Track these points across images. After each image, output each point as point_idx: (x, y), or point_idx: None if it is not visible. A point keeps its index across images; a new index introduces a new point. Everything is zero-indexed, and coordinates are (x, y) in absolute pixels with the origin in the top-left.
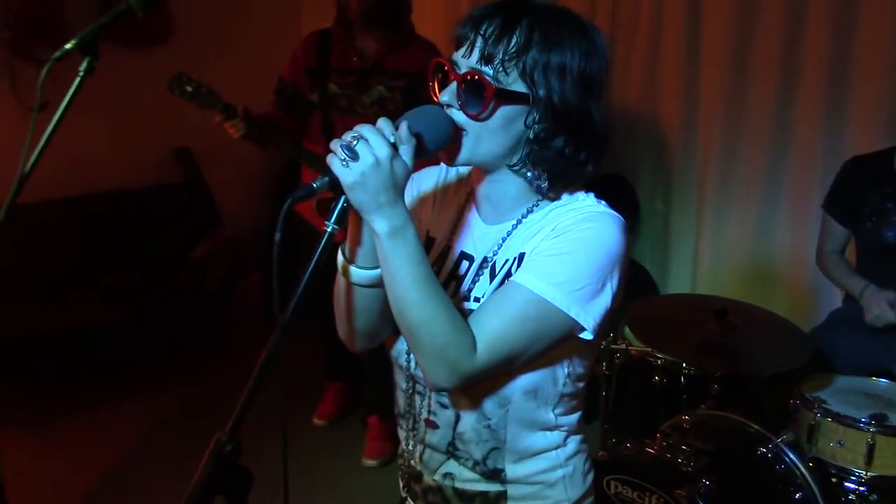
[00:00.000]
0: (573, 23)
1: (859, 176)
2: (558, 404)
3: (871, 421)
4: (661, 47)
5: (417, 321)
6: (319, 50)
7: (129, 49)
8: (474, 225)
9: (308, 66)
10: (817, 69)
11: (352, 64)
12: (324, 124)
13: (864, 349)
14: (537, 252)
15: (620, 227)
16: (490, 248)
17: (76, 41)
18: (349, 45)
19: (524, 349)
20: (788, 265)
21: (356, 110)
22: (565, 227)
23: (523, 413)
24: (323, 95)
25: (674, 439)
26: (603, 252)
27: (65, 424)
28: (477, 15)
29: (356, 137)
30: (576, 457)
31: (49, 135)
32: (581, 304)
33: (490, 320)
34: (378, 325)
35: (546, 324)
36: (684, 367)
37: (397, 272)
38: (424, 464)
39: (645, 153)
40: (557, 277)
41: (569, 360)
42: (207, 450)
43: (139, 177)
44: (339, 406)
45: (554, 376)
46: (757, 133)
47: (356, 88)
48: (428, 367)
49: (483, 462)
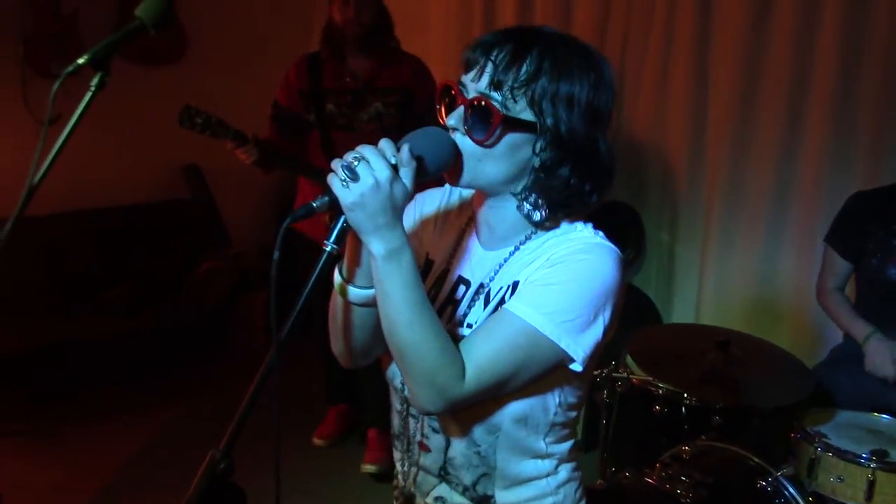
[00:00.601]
0: (583, 53)
1: (864, 211)
2: (549, 433)
3: (872, 457)
4: (669, 79)
5: (407, 344)
6: (311, 72)
7: (142, 66)
8: (473, 250)
9: (301, 87)
10: (824, 103)
11: (346, 84)
12: (323, 142)
13: (866, 385)
14: (531, 281)
15: (615, 259)
16: (486, 274)
17: (88, 56)
18: (341, 66)
19: (512, 376)
20: (792, 298)
21: (355, 127)
22: (560, 257)
23: (513, 441)
24: (320, 115)
25: (673, 470)
26: (596, 284)
27: (65, 437)
28: (488, 40)
29: (357, 158)
30: (567, 485)
31: (59, 148)
32: (571, 335)
33: (480, 347)
34: (372, 343)
35: (535, 353)
36: (685, 397)
37: (391, 294)
38: (417, 486)
39: (651, 183)
40: (549, 307)
41: (560, 389)
42: (201, 466)
43: (148, 192)
44: (339, 427)
45: (545, 405)
46: (763, 166)
47: (353, 107)
48: (416, 390)
49: (473, 488)
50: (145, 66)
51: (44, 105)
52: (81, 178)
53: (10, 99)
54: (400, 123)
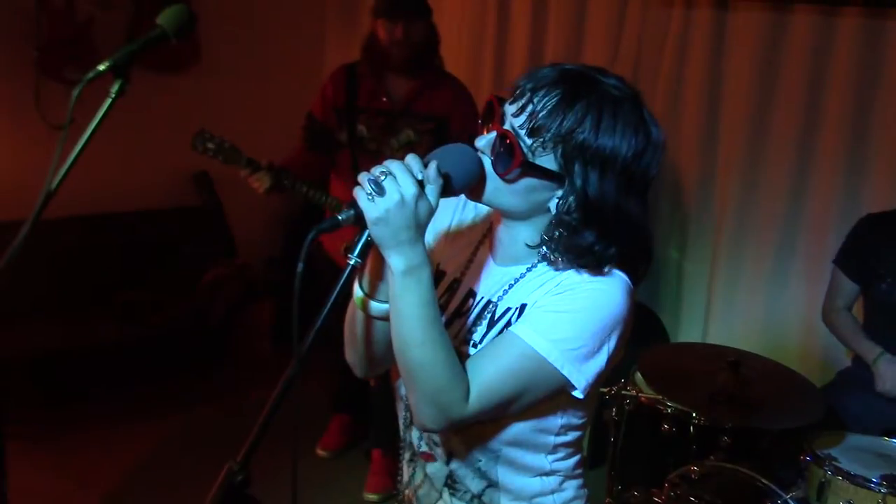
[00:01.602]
0: (632, 115)
1: (875, 234)
2: (553, 451)
3: (883, 482)
4: (681, 101)
5: (417, 362)
6: (348, 87)
7: (155, 74)
8: (486, 264)
9: (337, 104)
10: (836, 125)
11: (381, 105)
12: (352, 164)
13: (875, 408)
14: (539, 306)
15: (626, 290)
16: (496, 291)
17: (110, 63)
18: (379, 85)
19: (515, 399)
20: (800, 320)
21: (384, 153)
22: (570, 284)
23: (514, 459)
24: (351, 136)
25: (682, 490)
26: (604, 314)
27: (69, 443)
28: (541, 76)
29: (385, 173)
30: (573, 502)
31: (77, 154)
32: (575, 363)
33: (485, 369)
34: (386, 354)
35: (538, 378)
36: (694, 416)
37: (406, 311)
38: (420, 500)
39: (662, 201)
40: (556, 334)
41: (562, 412)
42: (218, 479)
43: (157, 199)
44: (342, 438)
45: (547, 427)
46: (774, 187)
47: (385, 131)
48: (419, 408)
49: (479, 498)
50: (158, 73)
51: (56, 110)
52: (91, 184)
53: (24, 104)
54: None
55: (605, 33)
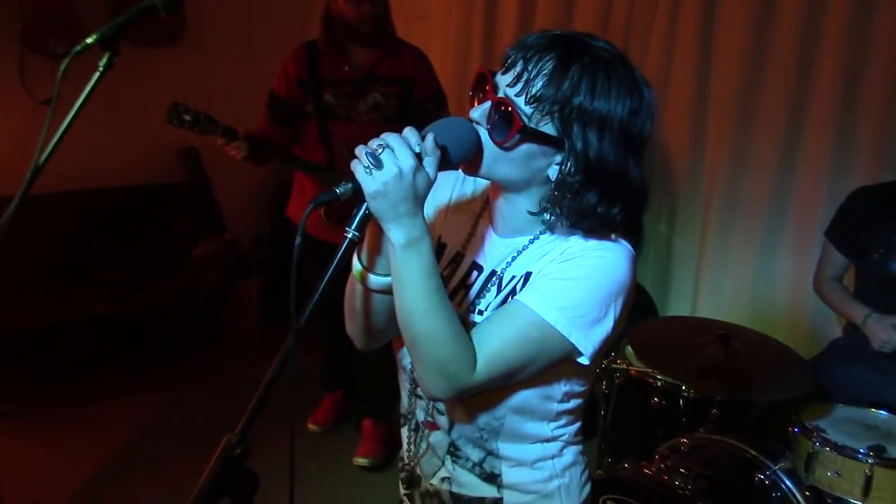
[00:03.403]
0: (625, 76)
1: (866, 207)
2: (555, 419)
3: (870, 452)
4: (671, 71)
5: (422, 333)
6: (310, 62)
7: (140, 48)
8: (487, 236)
9: (301, 78)
10: (827, 95)
11: (345, 74)
12: (321, 133)
13: (863, 380)
14: (544, 274)
15: (629, 257)
16: (500, 261)
17: (98, 36)
18: (341, 57)
19: (522, 368)
20: (789, 293)
21: (353, 117)
22: (575, 252)
23: (517, 426)
24: (318, 105)
25: (672, 461)
26: (609, 281)
27: (57, 419)
28: (532, 43)
29: (382, 145)
30: (573, 468)
31: (66, 127)
32: (582, 330)
33: (492, 338)
34: (387, 327)
35: (545, 345)
36: (683, 389)
37: (408, 283)
38: (422, 468)
39: (650, 175)
40: (562, 302)
41: (567, 380)
42: (216, 451)
43: (144, 174)
44: (334, 413)
45: (550, 394)
46: (763, 159)
47: (352, 97)
48: (426, 379)
49: (480, 465)
50: (143, 47)
51: (41, 84)
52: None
53: (8, 78)
54: (399, 113)
55: (595, 5)
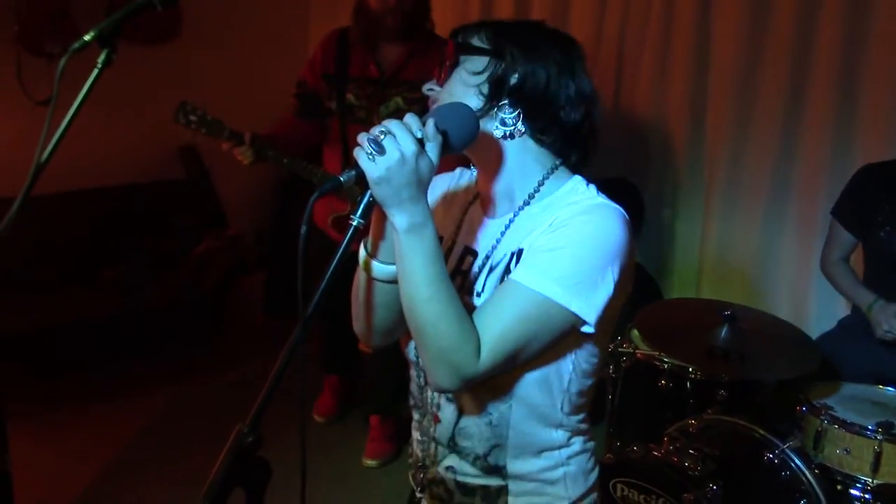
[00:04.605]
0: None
1: (872, 185)
2: (564, 402)
3: (879, 429)
4: (670, 53)
5: (426, 319)
6: (338, 54)
7: (138, 45)
8: (478, 220)
9: (326, 71)
10: (827, 76)
11: (370, 73)
12: (341, 134)
13: (871, 358)
14: (535, 248)
15: (619, 217)
16: (491, 243)
17: (96, 32)
18: (369, 53)
19: (526, 347)
20: (793, 272)
21: (373, 121)
22: (562, 220)
23: (526, 410)
24: (340, 105)
25: (681, 443)
26: (601, 243)
27: (65, 418)
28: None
29: (384, 132)
30: (579, 455)
31: (67, 124)
32: (581, 297)
33: (492, 322)
34: (395, 322)
35: (547, 320)
36: (691, 371)
37: (411, 268)
38: (430, 456)
39: (652, 158)
40: (555, 272)
41: (573, 355)
42: (228, 441)
43: (145, 172)
44: (337, 401)
45: (559, 372)
46: (764, 139)
47: (373, 100)
48: (432, 368)
49: (484, 458)
50: (140, 44)
51: (39, 85)
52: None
53: (5, 80)
54: None
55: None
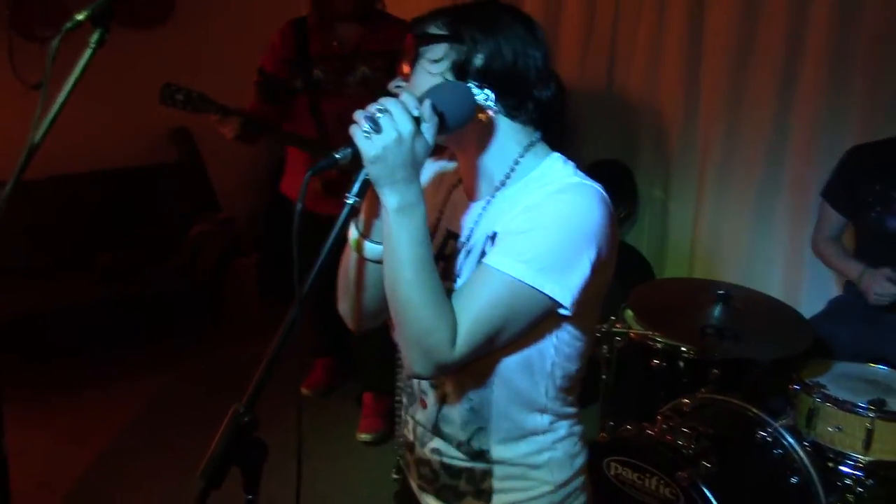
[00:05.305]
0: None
1: (862, 165)
2: (548, 387)
3: (871, 406)
4: (663, 33)
5: (405, 300)
6: (297, 39)
7: (128, 29)
8: (459, 203)
9: (288, 56)
10: (819, 56)
11: (334, 50)
12: (312, 108)
13: (863, 337)
14: (508, 230)
15: (594, 196)
16: (470, 225)
17: (88, 12)
18: (329, 33)
19: (501, 331)
20: (786, 252)
21: (342, 92)
22: (536, 202)
23: (508, 396)
24: (308, 81)
25: (674, 422)
26: (574, 223)
27: (61, 403)
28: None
29: (381, 109)
30: (565, 440)
31: (60, 105)
32: (555, 279)
33: (466, 307)
34: (381, 304)
35: (521, 304)
36: (684, 350)
37: (397, 248)
38: (418, 438)
39: (644, 139)
40: (527, 255)
41: (552, 336)
42: (224, 421)
43: (137, 156)
44: (326, 377)
45: (541, 357)
46: (757, 120)
47: (341, 73)
48: (407, 354)
49: (468, 443)
50: (131, 28)
51: (31, 69)
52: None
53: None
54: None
55: None
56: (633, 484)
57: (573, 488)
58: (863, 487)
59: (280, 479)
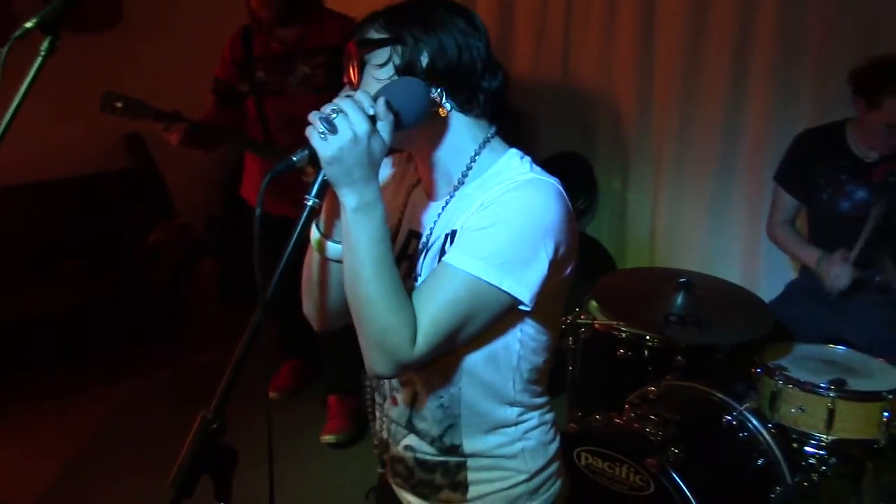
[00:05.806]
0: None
1: (812, 148)
2: (516, 380)
3: (831, 386)
4: (615, 24)
5: (364, 298)
6: (244, 43)
7: (77, 34)
8: (419, 203)
9: (236, 59)
10: (769, 44)
11: (274, 50)
12: (257, 110)
13: (821, 318)
14: (466, 228)
15: (551, 191)
16: (429, 224)
17: (37, 19)
18: (269, 35)
19: (461, 328)
20: (743, 238)
21: (285, 91)
22: (492, 198)
23: (477, 390)
24: (252, 83)
25: (641, 410)
26: (531, 219)
27: (22, 415)
28: None
29: (335, 110)
30: (537, 429)
31: (12, 114)
32: (512, 276)
33: (425, 306)
34: (346, 303)
35: (480, 301)
36: (648, 339)
37: (357, 248)
38: (392, 435)
39: (601, 132)
40: (484, 251)
41: (518, 333)
42: (192, 429)
43: (90, 163)
44: (293, 380)
45: (507, 351)
46: (711, 109)
47: (282, 73)
48: (368, 353)
49: (440, 439)
50: (79, 33)
51: None
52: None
53: None
54: (328, 82)
55: None
56: (603, 473)
57: (549, 474)
58: (826, 466)
59: (250, 484)
